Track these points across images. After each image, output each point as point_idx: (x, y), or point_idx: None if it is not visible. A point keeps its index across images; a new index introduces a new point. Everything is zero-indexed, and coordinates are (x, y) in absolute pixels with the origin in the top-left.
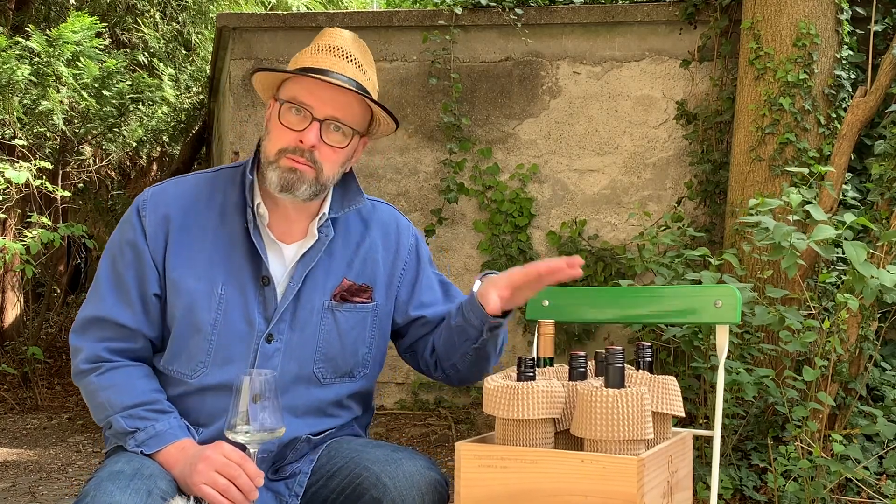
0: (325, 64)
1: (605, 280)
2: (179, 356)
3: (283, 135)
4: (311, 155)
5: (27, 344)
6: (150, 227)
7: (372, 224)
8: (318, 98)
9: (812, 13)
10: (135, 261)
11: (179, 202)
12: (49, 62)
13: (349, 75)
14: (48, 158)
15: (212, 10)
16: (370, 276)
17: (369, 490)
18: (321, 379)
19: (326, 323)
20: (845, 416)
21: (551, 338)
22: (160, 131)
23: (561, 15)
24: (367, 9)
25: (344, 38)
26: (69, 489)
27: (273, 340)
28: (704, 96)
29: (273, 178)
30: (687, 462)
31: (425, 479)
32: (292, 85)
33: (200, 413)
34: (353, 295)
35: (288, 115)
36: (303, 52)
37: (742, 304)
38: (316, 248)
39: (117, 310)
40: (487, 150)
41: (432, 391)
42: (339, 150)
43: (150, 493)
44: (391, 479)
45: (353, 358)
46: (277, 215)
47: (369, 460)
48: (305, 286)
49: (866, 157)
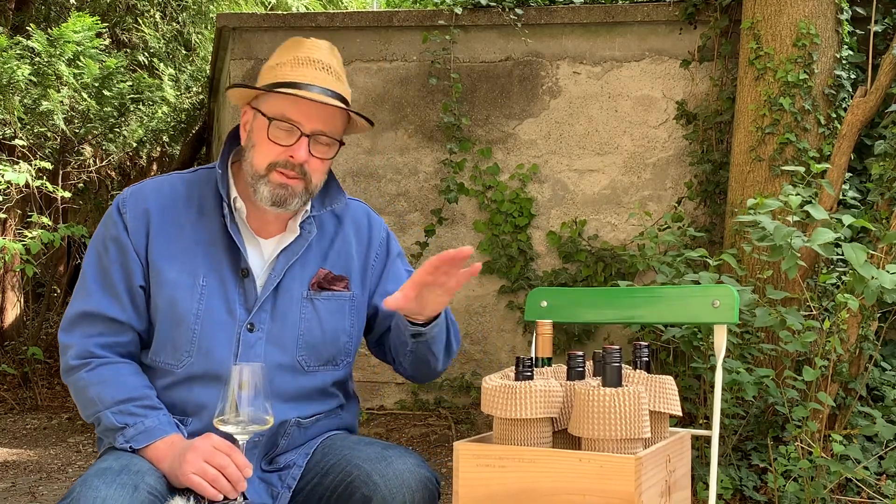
0: (307, 78)
1: (604, 280)
2: (165, 347)
3: (271, 149)
4: (301, 169)
5: (27, 344)
6: (132, 222)
7: (345, 220)
8: (305, 114)
9: (812, 13)
10: (119, 255)
11: (158, 200)
12: (50, 62)
13: (331, 87)
14: (48, 158)
15: (212, 10)
16: (345, 268)
17: (360, 488)
18: (305, 367)
19: (307, 312)
20: (845, 417)
21: (550, 338)
22: (160, 131)
23: (561, 15)
24: (367, 9)
25: (322, 50)
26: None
27: (255, 330)
28: (704, 96)
29: (265, 193)
30: (685, 461)
31: (415, 476)
32: (277, 100)
33: (188, 403)
34: (330, 283)
35: (276, 130)
36: (282, 63)
37: (741, 305)
38: (298, 244)
39: (105, 303)
40: (487, 150)
41: (432, 391)
42: (326, 161)
43: (137, 488)
44: (381, 478)
45: (334, 346)
46: (255, 212)
47: (360, 458)
48: (284, 278)
49: (866, 157)
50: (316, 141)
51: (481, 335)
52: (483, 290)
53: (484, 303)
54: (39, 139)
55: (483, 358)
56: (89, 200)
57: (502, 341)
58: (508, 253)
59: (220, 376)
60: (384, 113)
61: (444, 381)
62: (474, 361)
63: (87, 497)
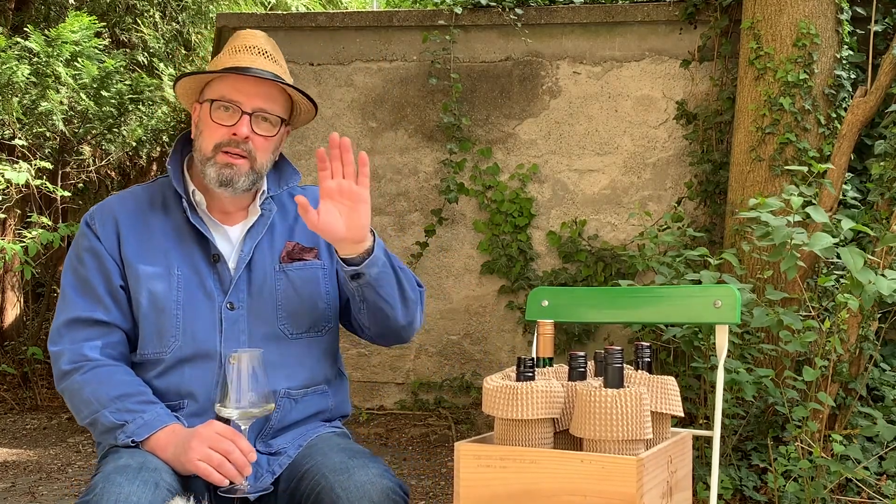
0: (244, 62)
1: (604, 280)
2: (151, 338)
3: (216, 131)
4: (245, 146)
5: (27, 344)
6: (101, 231)
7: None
8: (245, 93)
9: (812, 13)
10: (95, 261)
11: (124, 208)
12: (48, 62)
13: (267, 69)
14: (48, 158)
15: (211, 10)
16: (312, 240)
17: (325, 499)
18: (288, 334)
19: (281, 283)
20: (845, 417)
21: (551, 338)
22: (160, 131)
23: (561, 15)
24: (367, 9)
25: (257, 38)
26: (69, 489)
27: (235, 308)
28: (704, 96)
29: (211, 174)
30: (686, 462)
31: (377, 488)
32: (218, 85)
33: (181, 386)
34: (300, 254)
35: (218, 112)
36: (219, 55)
37: (742, 305)
38: (261, 223)
39: (89, 308)
40: (487, 150)
41: (432, 391)
42: (270, 138)
43: (158, 486)
44: (343, 490)
45: (314, 312)
46: (213, 202)
47: (327, 468)
48: (254, 257)
49: (866, 157)
50: (258, 119)
51: (481, 335)
52: (483, 290)
53: (484, 303)
54: (39, 139)
55: (483, 358)
56: (89, 200)
57: (502, 341)
58: (508, 253)
59: (208, 355)
60: (384, 113)
61: (443, 381)
62: (474, 361)
63: (112, 493)
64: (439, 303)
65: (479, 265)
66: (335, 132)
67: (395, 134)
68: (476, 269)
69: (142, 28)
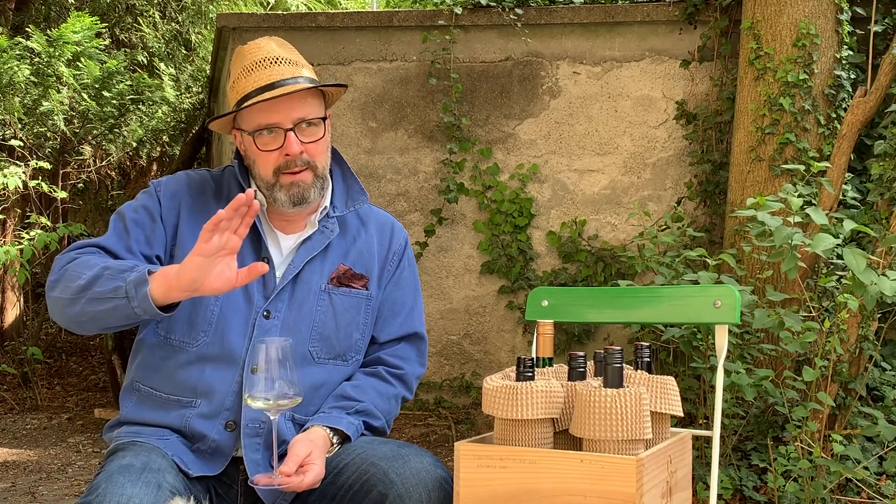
0: (262, 79)
1: (604, 280)
2: (181, 324)
3: (268, 158)
4: (301, 159)
5: (27, 344)
6: (165, 201)
7: (369, 222)
8: (278, 112)
9: (812, 13)
10: (146, 220)
11: (190, 189)
12: (49, 62)
13: (286, 77)
14: (48, 158)
15: (212, 10)
16: (366, 267)
17: (376, 486)
18: (315, 357)
19: (323, 304)
20: (845, 417)
21: (550, 338)
22: (160, 131)
23: (561, 15)
24: (366, 9)
25: (262, 49)
26: (69, 489)
27: (271, 317)
28: (704, 96)
29: (282, 198)
30: (686, 462)
31: (432, 476)
32: (248, 115)
33: (199, 384)
34: (349, 280)
35: (262, 139)
36: (236, 80)
37: (741, 306)
38: (318, 239)
39: (114, 244)
40: (487, 150)
41: (432, 391)
42: (320, 140)
43: (160, 487)
44: (398, 476)
45: (346, 340)
46: (273, 208)
47: (376, 456)
48: (304, 270)
49: (866, 157)
50: (300, 127)
51: (481, 335)
52: (483, 290)
53: (484, 303)
54: (39, 139)
55: (483, 358)
56: (89, 200)
57: (502, 341)
58: (508, 253)
59: (232, 359)
60: (384, 113)
61: (443, 382)
62: (474, 361)
63: (114, 493)
64: (439, 303)
65: (478, 265)
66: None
67: (394, 134)
68: (476, 269)
69: (142, 28)
